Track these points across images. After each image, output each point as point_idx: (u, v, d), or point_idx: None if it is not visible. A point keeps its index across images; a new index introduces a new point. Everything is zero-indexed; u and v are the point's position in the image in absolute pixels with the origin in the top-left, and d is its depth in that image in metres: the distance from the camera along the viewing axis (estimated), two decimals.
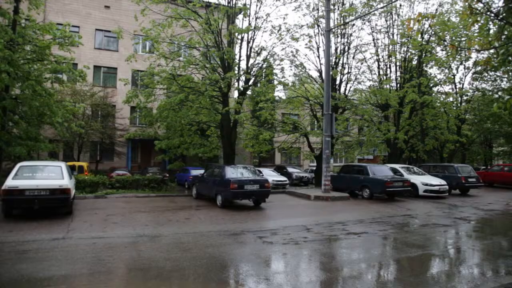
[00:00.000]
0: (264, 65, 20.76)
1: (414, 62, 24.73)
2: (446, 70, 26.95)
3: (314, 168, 25.40)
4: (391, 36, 24.05)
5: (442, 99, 26.73)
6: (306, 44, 21.87)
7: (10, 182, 10.05)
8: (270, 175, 21.05)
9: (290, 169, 27.14)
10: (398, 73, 24.80)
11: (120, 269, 6.36)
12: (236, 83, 20.22)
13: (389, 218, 11.96)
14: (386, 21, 24.12)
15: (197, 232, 9.11)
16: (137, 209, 12.60)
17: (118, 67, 29.56)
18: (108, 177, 18.22)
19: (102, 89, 27.98)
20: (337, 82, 22.89)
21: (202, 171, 20.31)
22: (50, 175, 10.75)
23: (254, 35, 19.94)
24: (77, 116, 23.22)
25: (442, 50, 24.54)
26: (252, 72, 20.27)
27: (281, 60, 21.03)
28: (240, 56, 20.00)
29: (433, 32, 23.50)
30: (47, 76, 16.75)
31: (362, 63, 23.21)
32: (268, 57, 20.53)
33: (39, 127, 17.88)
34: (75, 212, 11.28)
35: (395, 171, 18.49)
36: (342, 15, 21.84)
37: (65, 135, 21.12)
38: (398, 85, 24.39)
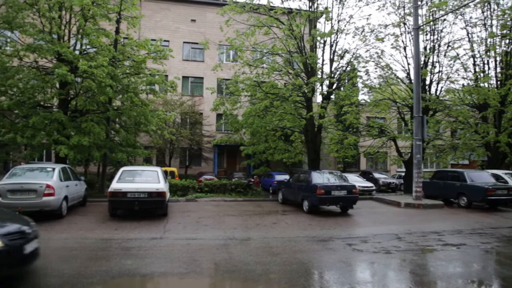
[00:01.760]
0: (348, 68, 20.31)
1: None
2: None
3: (403, 173, 24.13)
4: (489, 29, 21.98)
5: None
6: (392, 44, 20.94)
7: (115, 185, 11.09)
8: (356, 181, 20.41)
9: (376, 175, 26.13)
10: (499, 69, 22.53)
11: (213, 269, 6.61)
12: (320, 88, 20.06)
13: (492, 229, 10.88)
14: (483, 12, 22.08)
15: (285, 237, 9.16)
16: (226, 213, 13.05)
17: (204, 76, 31.10)
18: (197, 182, 19.15)
19: (190, 98, 29.61)
20: (427, 82, 21.54)
21: (286, 176, 20.45)
22: (148, 179, 11.63)
23: (337, 38, 19.66)
24: (168, 124, 24.86)
25: None
26: (335, 76, 19.96)
27: (366, 62, 20.40)
28: (323, 60, 19.85)
29: None
30: (143, 88, 18.17)
31: (454, 61, 21.52)
32: (351, 60, 20.07)
33: (136, 135, 19.42)
34: (170, 214, 12.02)
35: (497, 177, 16.80)
36: (431, 10, 20.51)
37: (158, 142, 22.74)
38: (499, 82, 22.15)
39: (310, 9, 19.27)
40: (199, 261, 6.94)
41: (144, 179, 11.70)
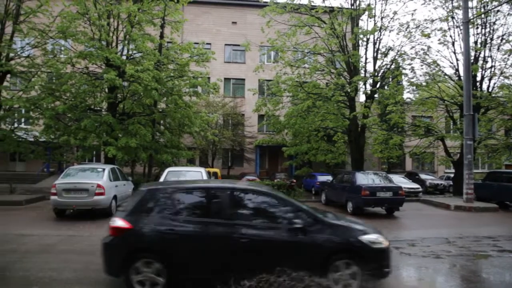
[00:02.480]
0: (392, 66, 19.72)
1: None
2: None
3: (452, 174, 23.08)
4: None
5: None
6: (439, 40, 20.04)
7: None
8: (401, 182, 19.73)
9: (422, 176, 25.15)
10: None
11: None
12: (363, 87, 19.63)
13: None
14: None
15: None
16: None
17: (245, 78, 31.33)
18: None
19: (232, 99, 29.92)
20: (478, 78, 20.44)
21: (329, 177, 20.17)
22: (193, 179, 11.84)
23: (380, 35, 19.16)
24: (211, 126, 25.27)
25: None
26: (379, 74, 19.46)
27: (411, 59, 19.69)
28: (366, 59, 19.41)
29: None
30: (186, 90, 18.60)
31: (509, 55, 20.30)
32: (396, 57, 19.46)
33: (180, 136, 19.90)
34: None
35: None
36: (483, 2, 19.46)
37: (201, 143, 23.17)
38: None
39: (352, 7, 18.91)
40: None
41: (189, 179, 11.92)
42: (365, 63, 19.32)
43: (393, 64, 19.58)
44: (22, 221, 10.91)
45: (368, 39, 19.17)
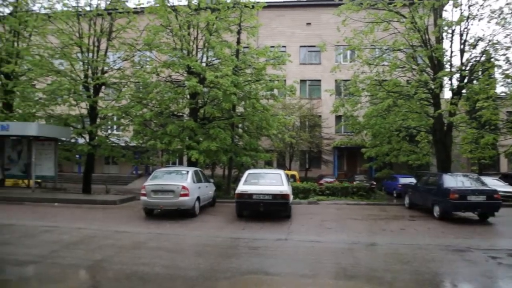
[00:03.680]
0: (483, 58, 18.09)
1: None
2: None
3: None
4: None
5: None
6: None
7: (242, 187, 11.73)
8: (495, 185, 17.97)
9: None
10: None
11: (339, 273, 6.46)
12: (449, 82, 18.29)
13: None
14: None
15: (415, 244, 8.54)
16: (348, 216, 12.75)
17: (321, 79, 31.00)
18: (317, 184, 19.11)
19: (308, 101, 29.78)
20: None
21: (411, 179, 19.15)
22: (272, 181, 12.01)
23: (467, 25, 17.65)
24: (288, 128, 25.36)
25: None
26: (467, 68, 17.97)
27: (506, 49, 17.85)
28: (451, 52, 18.00)
29: None
30: (263, 94, 18.89)
31: None
32: (487, 48, 17.80)
33: (258, 139, 20.25)
34: (293, 216, 12.19)
35: None
36: None
37: (279, 145, 23.36)
38: None
39: None
40: (324, 264, 6.92)
41: (268, 181, 12.11)
42: (451, 56, 17.94)
43: (484, 55, 17.94)
44: (117, 219, 11.90)
45: (453, 31, 17.78)
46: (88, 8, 18.14)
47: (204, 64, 17.59)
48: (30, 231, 9.54)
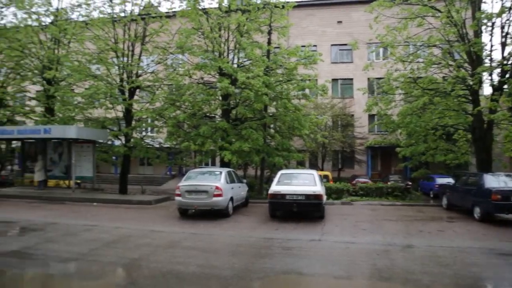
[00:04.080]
0: None
1: None
2: None
3: None
4: None
5: None
6: None
7: (275, 187, 11.73)
8: None
9: None
10: None
11: (375, 275, 6.31)
12: (489, 78, 17.54)
13: None
14: None
15: (454, 247, 8.24)
16: (383, 217, 12.48)
17: (353, 77, 30.56)
18: (351, 185, 18.83)
19: (341, 100, 29.42)
20: None
21: (449, 179, 18.53)
22: (305, 182, 11.94)
23: (510, 17, 16.88)
24: (320, 127, 25.14)
25: None
26: (509, 62, 17.17)
27: None
28: (491, 46, 17.22)
29: None
30: (295, 94, 18.81)
31: None
32: None
33: (290, 139, 20.19)
34: (326, 217, 12.06)
35: None
36: None
37: (311, 146, 23.19)
38: None
39: None
40: (359, 266, 6.80)
41: (301, 182, 12.04)
42: (491, 50, 17.18)
43: None
44: (153, 218, 12.18)
45: (493, 23, 17.01)
46: (122, 14, 18.69)
47: (235, 66, 17.71)
48: (71, 230, 9.94)
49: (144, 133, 21.09)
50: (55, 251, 7.69)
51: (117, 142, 20.11)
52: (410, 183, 20.68)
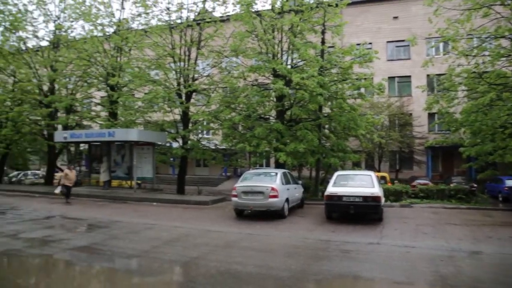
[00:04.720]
0: None
1: None
2: None
3: None
4: None
5: None
6: None
7: (331, 189, 11.57)
8: None
9: None
10: None
11: (438, 283, 5.96)
12: None
13: None
14: None
15: None
16: (446, 221, 11.84)
17: (411, 74, 29.33)
18: (410, 186, 18.09)
19: (398, 98, 28.38)
20: None
21: None
22: (362, 183, 11.65)
23: None
24: (376, 127, 24.40)
25: None
26: None
27: None
28: None
29: None
30: (350, 93, 18.41)
31: None
32: None
33: (345, 140, 19.81)
34: (385, 219, 11.68)
35: None
36: None
37: (367, 146, 22.58)
38: None
39: None
40: (421, 271, 6.52)
41: (358, 183, 11.77)
42: None
43: None
44: (210, 218, 12.49)
45: None
46: (179, 21, 19.41)
47: (289, 66, 17.72)
48: (134, 228, 10.47)
49: (200, 135, 21.72)
50: (120, 248, 8.16)
51: (175, 144, 20.90)
52: (475, 185, 19.45)
